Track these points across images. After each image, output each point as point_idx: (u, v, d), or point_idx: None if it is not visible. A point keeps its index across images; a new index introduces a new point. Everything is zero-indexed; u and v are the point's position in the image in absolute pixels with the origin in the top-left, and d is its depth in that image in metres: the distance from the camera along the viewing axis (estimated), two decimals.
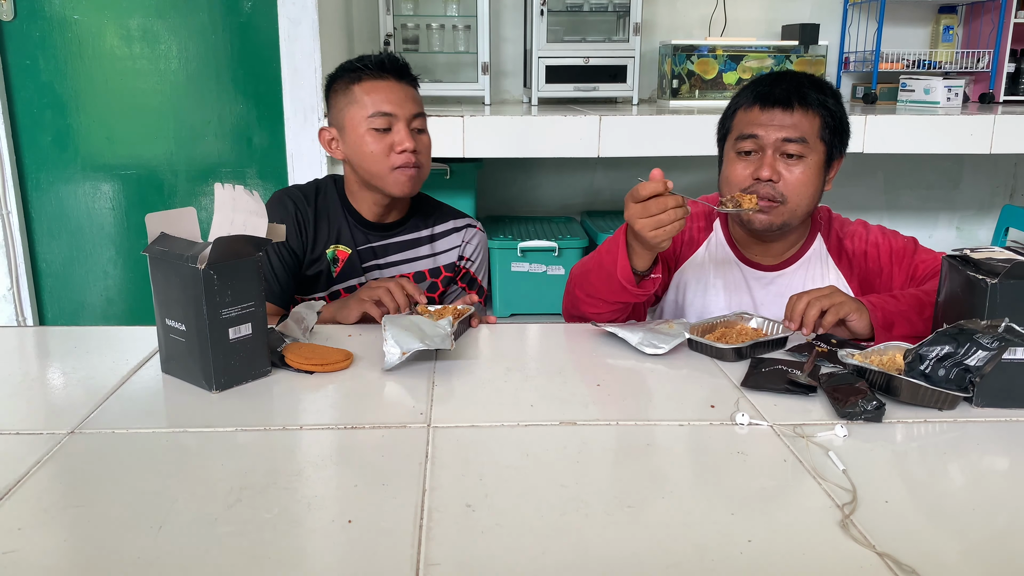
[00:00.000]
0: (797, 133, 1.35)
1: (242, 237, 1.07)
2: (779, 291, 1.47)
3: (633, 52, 3.29)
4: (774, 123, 1.36)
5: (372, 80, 1.48)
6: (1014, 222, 3.13)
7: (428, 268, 1.61)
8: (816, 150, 1.37)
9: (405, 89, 1.51)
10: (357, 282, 1.57)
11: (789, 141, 1.35)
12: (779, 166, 1.36)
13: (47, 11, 2.74)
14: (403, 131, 1.47)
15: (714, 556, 0.71)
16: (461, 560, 0.70)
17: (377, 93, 1.47)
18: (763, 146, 1.37)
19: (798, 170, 1.36)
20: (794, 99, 1.36)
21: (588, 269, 1.38)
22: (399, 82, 1.50)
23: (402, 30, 3.33)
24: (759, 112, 1.38)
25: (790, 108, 1.36)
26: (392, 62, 1.50)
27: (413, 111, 1.50)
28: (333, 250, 1.56)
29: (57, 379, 1.13)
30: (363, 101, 1.47)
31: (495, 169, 3.65)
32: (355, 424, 0.97)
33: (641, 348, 1.20)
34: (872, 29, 3.57)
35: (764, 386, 1.08)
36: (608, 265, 1.29)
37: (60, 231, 2.94)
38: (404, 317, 1.19)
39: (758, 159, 1.37)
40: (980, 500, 0.82)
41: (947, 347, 1.00)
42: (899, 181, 3.90)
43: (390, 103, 1.47)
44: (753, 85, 1.42)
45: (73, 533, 0.75)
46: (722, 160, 1.47)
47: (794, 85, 1.38)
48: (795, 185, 1.36)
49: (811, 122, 1.36)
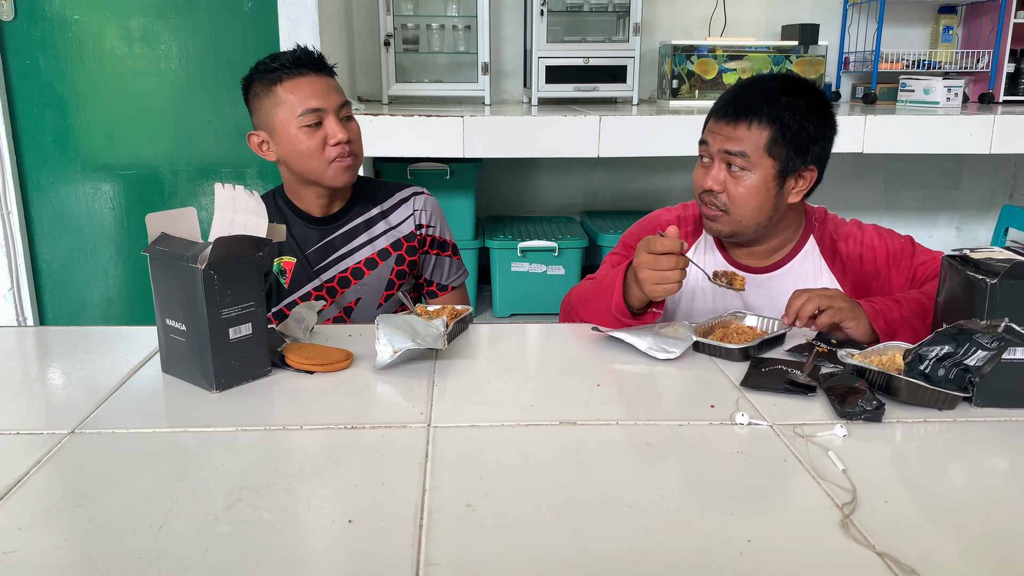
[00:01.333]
0: (737, 147, 1.35)
1: (242, 237, 1.07)
2: (769, 293, 1.46)
3: (633, 52, 3.29)
4: (720, 134, 1.37)
5: (293, 78, 1.46)
6: (1014, 222, 3.13)
7: (389, 243, 1.61)
8: (761, 165, 1.35)
9: (326, 81, 1.49)
10: (312, 288, 1.57)
11: (730, 154, 1.35)
12: (725, 176, 1.37)
13: (47, 11, 2.75)
14: (334, 123, 1.47)
15: (714, 556, 0.71)
16: (461, 560, 0.70)
17: (301, 90, 1.45)
18: (711, 155, 1.38)
19: (742, 184, 1.36)
20: (741, 112, 1.35)
21: (587, 298, 1.41)
22: (319, 75, 1.48)
23: (402, 30, 3.33)
24: (714, 121, 1.39)
25: (734, 121, 1.36)
26: (308, 56, 1.48)
27: (339, 101, 1.49)
28: (278, 263, 1.56)
29: (57, 379, 1.13)
30: (289, 101, 1.46)
31: (495, 169, 3.65)
32: (355, 424, 0.97)
33: (652, 353, 1.19)
34: (872, 29, 3.57)
35: (764, 386, 1.08)
36: (604, 298, 1.33)
37: (60, 231, 2.94)
38: (398, 316, 1.19)
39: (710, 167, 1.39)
40: (980, 500, 0.82)
41: (947, 347, 1.00)
42: (899, 181, 3.90)
43: (316, 98, 1.46)
44: (726, 91, 1.44)
45: (73, 533, 0.75)
46: None
47: (752, 95, 1.36)
48: (736, 198, 1.37)
49: (757, 136, 1.34)
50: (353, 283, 1.59)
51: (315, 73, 1.47)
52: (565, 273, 3.23)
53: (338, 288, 1.58)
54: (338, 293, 1.59)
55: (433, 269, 1.68)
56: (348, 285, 1.59)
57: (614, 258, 1.55)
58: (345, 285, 1.58)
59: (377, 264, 1.59)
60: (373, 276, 1.59)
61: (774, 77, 1.42)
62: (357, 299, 1.60)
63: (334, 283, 1.58)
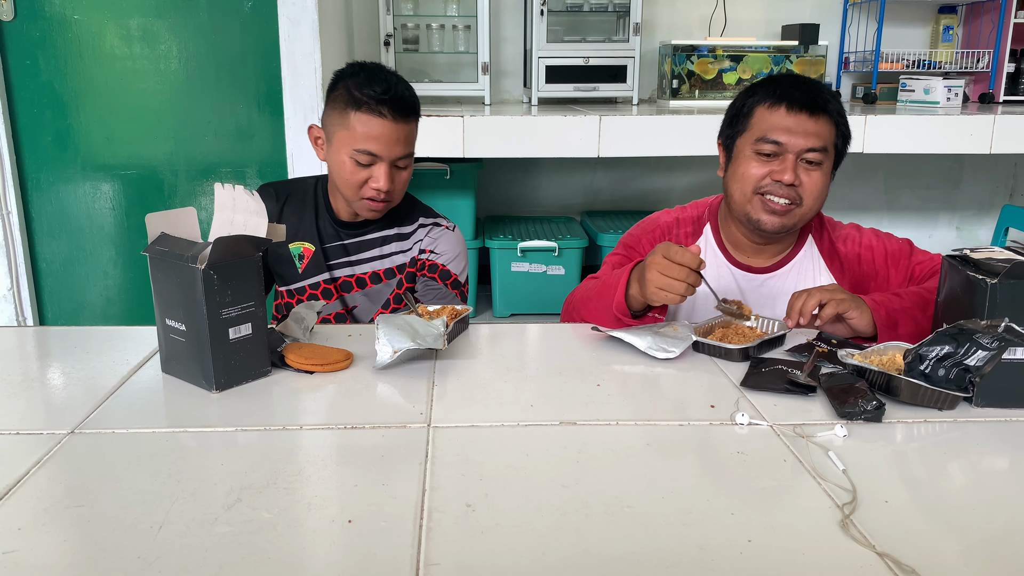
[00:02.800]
0: (820, 142, 1.36)
1: (242, 237, 1.07)
2: (770, 293, 1.46)
3: (633, 52, 3.29)
4: (799, 129, 1.35)
5: (369, 114, 1.44)
6: (1014, 222, 3.13)
7: (395, 265, 1.62)
8: (830, 157, 1.39)
9: (400, 129, 1.46)
10: (321, 279, 1.59)
11: (813, 150, 1.36)
12: (799, 170, 1.37)
13: (47, 11, 2.74)
14: (382, 172, 1.46)
15: (714, 556, 0.71)
16: (461, 560, 0.70)
17: (369, 129, 1.44)
18: (786, 151, 1.36)
19: (815, 175, 1.37)
20: (820, 104, 1.36)
21: (588, 297, 1.40)
22: (398, 122, 1.45)
23: (402, 30, 3.33)
24: (785, 115, 1.36)
25: (815, 115, 1.36)
26: (395, 102, 1.44)
27: (399, 153, 1.47)
28: (298, 246, 1.58)
29: (57, 379, 1.13)
30: (354, 130, 1.44)
31: (495, 169, 3.65)
32: (355, 424, 0.97)
33: (651, 353, 1.19)
34: (872, 29, 3.57)
35: (764, 386, 1.08)
36: (606, 296, 1.32)
37: (60, 231, 2.94)
38: (398, 316, 1.19)
39: (778, 162, 1.37)
40: (980, 500, 0.82)
41: (947, 347, 1.00)
42: (899, 181, 3.90)
43: (378, 143, 1.44)
44: (771, 84, 1.41)
45: (73, 533, 0.75)
46: (730, 153, 1.45)
47: (814, 90, 1.38)
48: (812, 190, 1.37)
49: (830, 130, 1.38)
50: (355, 290, 1.61)
51: (393, 120, 1.44)
52: (565, 273, 3.23)
53: (338, 291, 1.61)
54: (333, 296, 1.61)
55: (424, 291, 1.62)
56: (349, 290, 1.61)
57: (614, 259, 1.54)
58: (347, 289, 1.61)
59: (381, 280, 1.61)
60: (373, 291, 1.62)
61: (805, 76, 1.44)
62: (353, 307, 1.63)
63: (337, 284, 1.61)
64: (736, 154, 1.44)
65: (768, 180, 1.37)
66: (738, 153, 1.43)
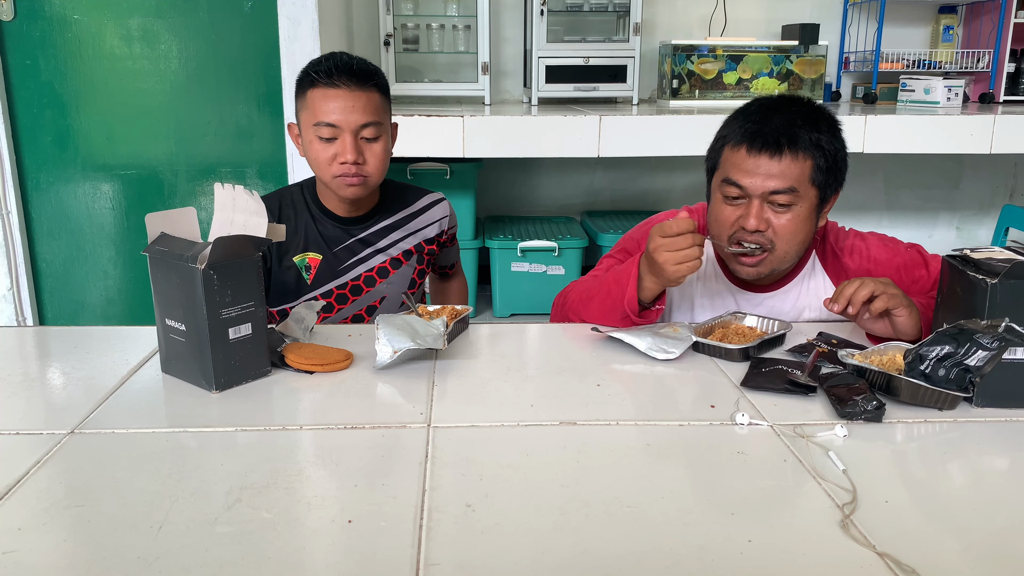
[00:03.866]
0: (785, 183, 1.26)
1: (242, 237, 1.07)
2: (768, 312, 1.40)
3: (633, 52, 3.29)
4: (760, 172, 1.26)
5: (323, 87, 1.42)
6: (1014, 222, 3.13)
7: (413, 245, 1.63)
8: (807, 196, 1.28)
9: (359, 97, 1.43)
10: (335, 285, 1.56)
11: (777, 192, 1.26)
12: (767, 214, 1.28)
13: (47, 11, 2.74)
14: (347, 143, 1.43)
15: (714, 556, 0.71)
16: (461, 560, 0.70)
17: (325, 102, 1.42)
18: (749, 195, 1.28)
19: (786, 218, 1.28)
20: (784, 143, 1.25)
21: (589, 297, 1.36)
22: (353, 91, 1.42)
23: (402, 30, 3.33)
24: (745, 156, 1.28)
25: (778, 154, 1.26)
26: (346, 68, 1.42)
27: (361, 121, 1.43)
28: (303, 258, 1.55)
29: (57, 379, 1.13)
30: (312, 108, 1.44)
31: (495, 169, 3.65)
32: (355, 424, 0.97)
33: (651, 354, 1.19)
34: (872, 29, 3.57)
35: (764, 386, 1.08)
36: (615, 295, 1.28)
37: (60, 231, 2.94)
38: (398, 316, 1.19)
39: (745, 205, 1.29)
40: (980, 500, 0.82)
41: (947, 347, 1.00)
42: (899, 181, 3.90)
43: (337, 114, 1.42)
44: (743, 117, 1.32)
45: (73, 533, 0.75)
46: (710, 191, 1.39)
47: (785, 123, 1.27)
48: (784, 233, 1.29)
49: (801, 168, 1.26)
50: (379, 282, 1.60)
51: (349, 87, 1.42)
52: (565, 273, 3.23)
53: (364, 287, 1.59)
54: (363, 291, 1.59)
55: (445, 257, 1.77)
56: (374, 284, 1.60)
57: (609, 261, 1.50)
58: (371, 284, 1.59)
59: (401, 264, 1.62)
60: (397, 275, 1.62)
61: (785, 100, 1.32)
62: (382, 298, 1.61)
63: (360, 281, 1.58)
64: (712, 190, 1.37)
65: (737, 226, 1.30)
66: (713, 190, 1.37)
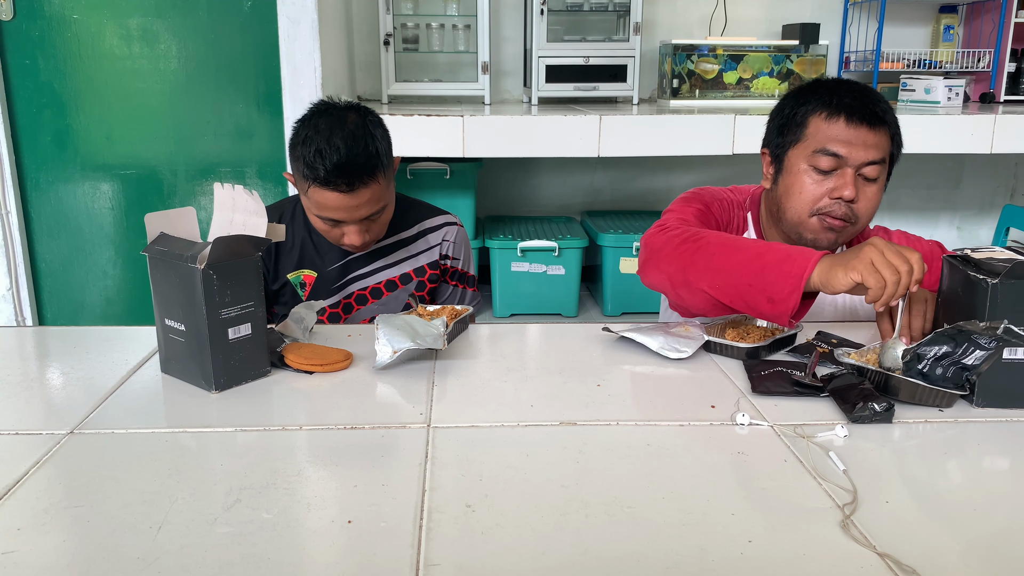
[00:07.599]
0: (880, 155, 1.28)
1: (242, 237, 1.07)
2: None
3: (633, 52, 3.29)
4: (859, 142, 1.27)
5: (323, 188, 1.37)
6: (1015, 222, 3.13)
7: (412, 269, 1.59)
8: (885, 169, 1.32)
9: (359, 196, 1.38)
10: (328, 304, 1.55)
11: (870, 164, 1.28)
12: (857, 185, 1.29)
13: (47, 11, 2.74)
14: (353, 231, 1.43)
15: (714, 556, 0.71)
16: (461, 560, 0.70)
17: (327, 201, 1.39)
18: (846, 164, 1.28)
19: (871, 191, 1.29)
20: (880, 114, 1.27)
21: (718, 267, 1.18)
22: (354, 191, 1.37)
23: (402, 29, 3.33)
24: (844, 127, 1.27)
25: (875, 126, 1.27)
26: (349, 174, 1.35)
27: (364, 215, 1.42)
28: (298, 275, 1.55)
29: (57, 379, 1.13)
30: (314, 200, 1.41)
31: (495, 169, 3.65)
32: (355, 424, 0.97)
33: (663, 353, 1.18)
34: (872, 29, 3.57)
35: (772, 391, 1.06)
36: (770, 272, 1.13)
37: (60, 231, 2.94)
38: (398, 316, 1.19)
39: (835, 177, 1.29)
40: (980, 500, 0.82)
41: (945, 347, 1.00)
42: (899, 181, 3.90)
43: (340, 212, 1.41)
44: (826, 92, 1.31)
45: (73, 533, 0.75)
46: (780, 164, 1.36)
47: (872, 99, 1.28)
48: (868, 206, 1.30)
49: (886, 141, 1.30)
50: (371, 301, 1.58)
51: (349, 191, 1.37)
52: (565, 273, 3.23)
53: (355, 305, 1.57)
54: (354, 310, 1.58)
55: (447, 298, 1.66)
56: (365, 303, 1.58)
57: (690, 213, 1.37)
58: (363, 303, 1.58)
59: (397, 287, 1.59)
60: (391, 298, 1.59)
61: (844, 80, 1.34)
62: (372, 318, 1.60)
63: (351, 299, 1.57)
64: (788, 167, 1.34)
65: (827, 200, 1.29)
66: (790, 166, 1.34)
